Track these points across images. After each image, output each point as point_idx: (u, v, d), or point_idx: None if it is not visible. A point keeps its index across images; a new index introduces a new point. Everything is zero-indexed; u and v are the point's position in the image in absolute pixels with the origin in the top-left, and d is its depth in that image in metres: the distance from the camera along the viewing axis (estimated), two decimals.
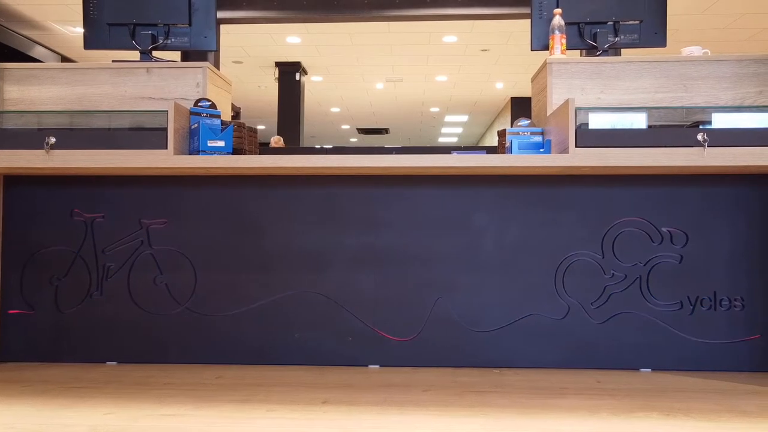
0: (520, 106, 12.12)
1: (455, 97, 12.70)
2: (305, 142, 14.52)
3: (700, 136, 2.07)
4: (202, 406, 1.90)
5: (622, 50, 2.75)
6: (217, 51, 5.30)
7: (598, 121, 2.16)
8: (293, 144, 9.87)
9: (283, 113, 9.94)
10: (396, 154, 2.13)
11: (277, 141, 7.56)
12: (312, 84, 11.28)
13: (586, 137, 2.12)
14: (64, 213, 2.52)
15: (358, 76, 10.76)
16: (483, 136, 17.25)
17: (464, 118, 14.94)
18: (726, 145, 2.07)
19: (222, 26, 6.57)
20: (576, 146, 2.11)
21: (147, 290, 2.51)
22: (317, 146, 18.89)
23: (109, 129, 2.28)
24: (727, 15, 7.00)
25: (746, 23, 7.25)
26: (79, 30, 7.85)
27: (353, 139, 18.56)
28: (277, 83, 9.97)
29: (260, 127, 16.32)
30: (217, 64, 6.02)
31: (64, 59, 8.93)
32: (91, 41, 2.66)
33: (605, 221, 2.43)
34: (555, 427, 1.71)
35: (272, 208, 2.51)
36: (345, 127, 16.32)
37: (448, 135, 17.53)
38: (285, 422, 1.75)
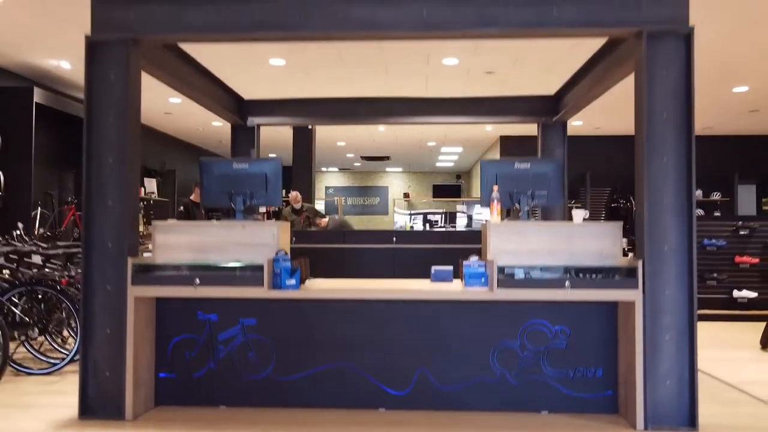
0: (509, 143, 13.61)
1: (449, 135, 14.27)
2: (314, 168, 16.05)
3: (567, 282, 3.66)
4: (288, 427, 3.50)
5: (537, 209, 4.31)
6: (257, 150, 6.83)
7: (512, 269, 3.76)
8: (305, 172, 11.20)
9: (297, 152, 11.38)
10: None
11: (294, 197, 8.82)
12: (321, 126, 12.82)
13: (504, 282, 3.71)
14: (193, 314, 4.11)
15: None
16: (476, 162, 18.82)
17: (459, 149, 16.53)
18: (581, 287, 3.66)
19: (246, 79, 7.97)
20: (498, 287, 3.71)
21: (244, 362, 4.10)
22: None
23: (227, 269, 3.88)
24: None
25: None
26: None
27: (357, 164, 20.18)
28: (291, 128, 11.48)
29: (271, 154, 17.93)
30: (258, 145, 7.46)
31: None
32: (205, 206, 4.26)
33: (521, 322, 4.02)
34: None
35: (320, 314, 4.10)
36: (350, 155, 17.94)
37: (445, 161, 19.13)
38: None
